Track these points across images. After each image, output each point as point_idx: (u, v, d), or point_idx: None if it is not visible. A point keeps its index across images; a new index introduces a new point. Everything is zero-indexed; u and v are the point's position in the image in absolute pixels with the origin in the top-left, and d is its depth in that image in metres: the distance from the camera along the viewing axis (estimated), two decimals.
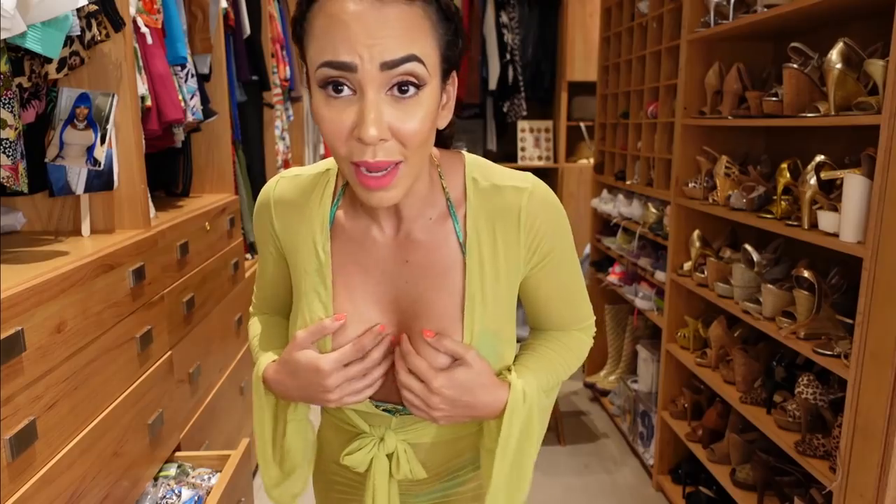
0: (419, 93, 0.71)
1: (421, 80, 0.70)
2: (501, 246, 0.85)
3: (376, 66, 0.68)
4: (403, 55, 0.68)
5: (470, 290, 0.85)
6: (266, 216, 0.92)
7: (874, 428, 1.41)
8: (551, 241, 0.88)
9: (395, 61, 0.68)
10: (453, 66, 0.78)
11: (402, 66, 0.68)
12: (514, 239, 0.85)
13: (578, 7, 3.95)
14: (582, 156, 4.22)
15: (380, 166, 0.71)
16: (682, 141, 2.28)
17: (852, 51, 1.55)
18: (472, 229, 0.85)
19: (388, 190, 0.73)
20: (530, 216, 0.85)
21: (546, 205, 0.87)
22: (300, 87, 3.95)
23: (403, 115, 0.70)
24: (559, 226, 0.89)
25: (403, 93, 0.70)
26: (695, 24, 2.19)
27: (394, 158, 0.71)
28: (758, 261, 1.97)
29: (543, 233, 0.87)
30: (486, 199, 0.85)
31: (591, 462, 2.78)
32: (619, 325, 3.22)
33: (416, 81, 0.70)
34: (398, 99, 0.70)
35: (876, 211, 1.38)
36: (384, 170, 0.71)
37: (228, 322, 2.27)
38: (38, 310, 1.12)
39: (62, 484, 1.17)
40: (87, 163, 1.48)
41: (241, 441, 1.78)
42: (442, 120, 0.79)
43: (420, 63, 0.69)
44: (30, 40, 1.21)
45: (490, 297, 0.86)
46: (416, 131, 0.71)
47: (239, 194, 2.63)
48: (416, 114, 0.71)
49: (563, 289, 0.95)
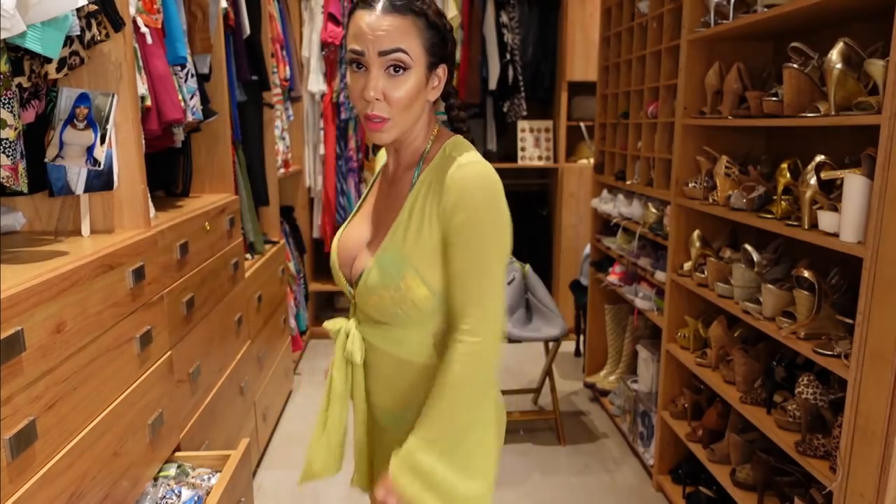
0: (405, 73, 1.05)
1: (406, 64, 1.04)
2: (432, 202, 1.09)
3: (375, 53, 1.03)
4: (392, 47, 1.03)
5: (398, 219, 1.12)
6: None
7: (874, 428, 1.41)
8: (462, 218, 1.05)
9: (386, 51, 1.03)
10: (441, 61, 1.10)
11: (392, 54, 1.03)
12: (438, 201, 1.08)
13: (578, 7, 3.95)
14: (582, 156, 4.21)
15: (373, 117, 1.06)
16: (682, 141, 2.28)
17: (852, 51, 1.55)
18: (420, 181, 1.13)
19: (381, 133, 1.08)
20: (453, 185, 1.06)
21: (468, 181, 1.06)
22: (300, 87, 3.95)
23: (392, 86, 1.05)
24: (475, 207, 1.05)
25: (395, 72, 1.05)
26: (695, 24, 2.19)
27: (383, 115, 1.06)
28: (758, 261, 1.97)
29: (457, 205, 1.06)
30: (440, 164, 1.11)
31: (591, 462, 2.78)
32: (619, 325, 3.22)
33: (402, 65, 1.04)
34: (391, 76, 1.05)
35: (876, 211, 1.38)
36: (377, 120, 1.07)
37: (228, 322, 2.27)
38: (37, 310, 1.12)
39: (62, 484, 1.17)
40: (86, 163, 1.48)
41: (241, 441, 1.78)
42: (431, 94, 1.12)
43: (405, 53, 1.04)
44: (29, 40, 1.21)
45: (412, 233, 1.10)
46: (399, 98, 1.05)
47: (239, 194, 2.63)
48: (401, 87, 1.05)
49: (462, 273, 1.08)
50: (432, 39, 1.07)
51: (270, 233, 3.26)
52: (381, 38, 1.02)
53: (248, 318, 2.56)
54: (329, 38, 3.83)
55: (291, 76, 3.69)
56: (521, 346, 3.90)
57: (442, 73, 1.12)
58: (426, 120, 1.15)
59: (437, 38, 1.08)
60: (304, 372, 3.73)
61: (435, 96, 1.14)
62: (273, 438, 2.96)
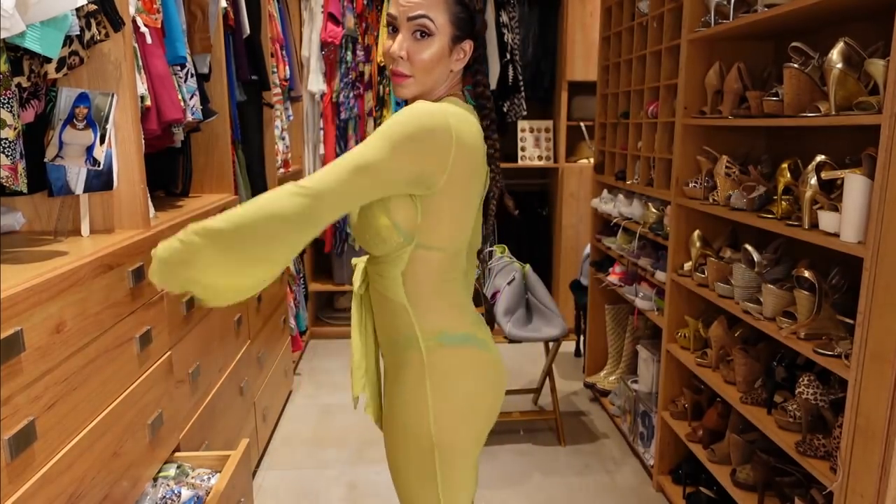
0: (429, 39, 1.19)
1: (430, 31, 1.18)
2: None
3: (405, 17, 1.18)
4: (418, 13, 1.17)
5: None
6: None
7: (875, 428, 1.41)
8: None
9: (413, 17, 1.18)
10: (468, 36, 1.22)
11: (417, 20, 1.17)
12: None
13: (578, 7, 3.95)
14: (582, 156, 4.21)
15: (398, 72, 1.21)
16: (682, 141, 2.28)
17: (853, 50, 1.55)
18: None
19: (402, 87, 1.23)
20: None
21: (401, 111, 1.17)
22: (300, 87, 3.95)
23: (416, 48, 1.19)
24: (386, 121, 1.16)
25: (421, 37, 1.19)
26: (695, 24, 2.19)
27: (406, 72, 1.21)
28: (758, 261, 1.97)
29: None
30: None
31: (592, 462, 2.78)
32: (619, 325, 3.22)
33: (426, 31, 1.18)
34: (417, 40, 1.19)
35: (876, 211, 1.38)
36: (400, 75, 1.21)
37: (228, 322, 2.27)
38: (37, 310, 1.11)
39: (61, 484, 1.17)
40: (86, 163, 1.47)
41: (240, 441, 1.78)
42: (455, 65, 1.24)
43: (430, 21, 1.17)
44: (29, 40, 1.21)
45: None
46: (421, 59, 1.19)
47: (238, 194, 2.63)
48: (424, 50, 1.19)
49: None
50: (459, 14, 1.19)
51: None
52: (410, 6, 1.17)
53: (248, 318, 2.56)
54: (329, 37, 3.83)
55: (291, 76, 3.68)
56: (521, 346, 3.89)
57: (468, 48, 1.24)
58: (447, 87, 1.26)
59: (465, 13, 1.20)
60: (304, 372, 3.73)
61: (459, 67, 1.25)
62: (273, 438, 2.96)
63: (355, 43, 3.95)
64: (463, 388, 1.27)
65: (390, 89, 3.95)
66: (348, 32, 3.89)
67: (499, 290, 2.91)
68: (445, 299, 1.28)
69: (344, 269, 4.19)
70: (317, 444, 2.92)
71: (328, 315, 4.41)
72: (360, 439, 2.95)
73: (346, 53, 3.96)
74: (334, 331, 4.30)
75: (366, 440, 2.93)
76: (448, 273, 1.27)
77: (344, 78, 3.97)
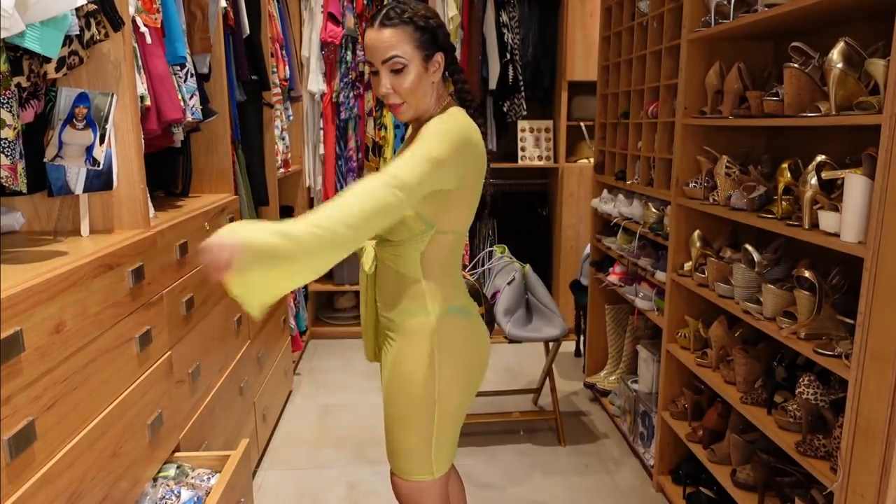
0: (405, 69, 1.38)
1: (403, 64, 1.37)
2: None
3: (380, 61, 1.38)
4: (389, 55, 1.37)
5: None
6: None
7: (875, 428, 1.41)
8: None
9: (387, 59, 1.38)
10: (437, 50, 1.41)
11: (390, 60, 1.38)
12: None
13: (578, 7, 3.94)
14: (582, 156, 4.21)
15: (392, 104, 1.43)
16: (682, 141, 2.28)
17: (853, 50, 1.55)
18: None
19: (400, 114, 1.44)
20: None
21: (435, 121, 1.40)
22: (299, 87, 3.95)
23: (397, 82, 1.39)
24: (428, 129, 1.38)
25: (396, 72, 1.38)
26: (695, 24, 2.19)
27: (397, 101, 1.42)
28: (758, 261, 1.97)
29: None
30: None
31: (592, 462, 2.78)
32: (619, 325, 3.22)
33: (399, 66, 1.38)
34: (394, 74, 1.39)
35: (877, 211, 1.38)
36: (395, 105, 1.43)
37: (228, 322, 2.27)
38: (36, 310, 1.11)
39: (61, 484, 1.17)
40: (86, 163, 1.47)
41: (240, 441, 1.78)
42: (434, 76, 1.43)
43: (400, 57, 1.37)
44: (28, 40, 1.21)
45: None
46: (404, 89, 1.39)
47: (238, 194, 2.63)
48: (404, 80, 1.39)
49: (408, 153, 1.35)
50: (422, 38, 1.38)
51: None
52: (380, 50, 1.36)
53: (248, 318, 2.56)
54: (329, 37, 3.83)
55: (291, 76, 3.68)
56: (521, 347, 3.89)
57: (440, 59, 1.43)
58: (436, 96, 1.46)
59: (427, 35, 1.38)
60: (304, 372, 3.73)
61: (437, 77, 1.44)
62: (273, 438, 2.96)
63: (355, 43, 3.95)
64: (462, 353, 1.50)
65: None
66: (348, 32, 3.88)
67: (499, 290, 2.90)
68: (451, 275, 1.51)
69: (344, 269, 4.19)
70: (317, 444, 2.92)
71: (328, 315, 4.41)
72: (360, 439, 2.94)
73: (346, 53, 3.96)
74: (334, 331, 4.29)
75: (366, 440, 2.93)
76: (455, 252, 1.51)
77: (344, 78, 3.97)
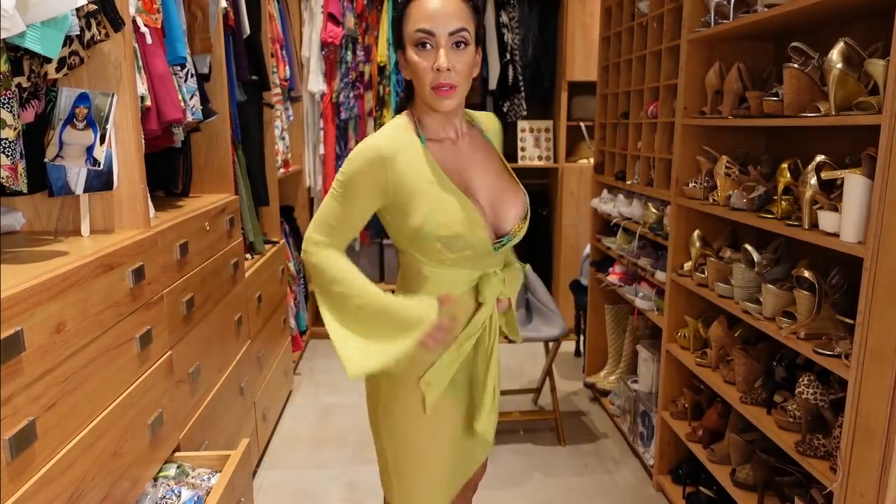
0: (466, 48, 1.29)
1: (467, 40, 1.28)
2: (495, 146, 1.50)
3: (446, 32, 1.26)
4: (459, 26, 1.27)
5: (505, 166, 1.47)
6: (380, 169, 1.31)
7: (875, 428, 1.41)
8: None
9: (455, 30, 1.26)
10: (479, 43, 1.34)
11: (459, 32, 1.27)
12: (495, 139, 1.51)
13: (578, 7, 3.95)
14: (582, 156, 4.21)
15: (444, 85, 1.27)
16: (682, 141, 2.28)
17: (853, 50, 1.55)
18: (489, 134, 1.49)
19: (451, 99, 1.30)
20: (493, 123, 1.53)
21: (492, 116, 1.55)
22: (300, 87, 3.95)
23: (458, 58, 1.28)
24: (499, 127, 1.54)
25: (458, 47, 1.28)
26: (695, 24, 2.19)
27: (453, 82, 1.28)
28: (758, 261, 1.97)
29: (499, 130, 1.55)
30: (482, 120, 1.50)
31: (591, 462, 2.78)
32: (619, 325, 3.22)
33: (464, 41, 1.28)
34: (455, 50, 1.28)
35: (876, 211, 1.38)
36: (447, 87, 1.28)
37: (228, 322, 2.27)
38: (37, 310, 1.11)
39: (62, 484, 1.17)
40: (86, 163, 1.47)
41: (240, 441, 1.78)
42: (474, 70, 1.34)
43: (467, 31, 1.28)
44: (29, 40, 1.21)
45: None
46: (463, 68, 1.29)
47: (238, 194, 2.63)
48: (463, 58, 1.29)
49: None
50: (477, 23, 1.32)
51: (270, 233, 3.26)
52: (450, 20, 1.25)
53: (248, 318, 2.56)
54: (329, 37, 3.83)
55: (291, 76, 3.69)
56: (521, 346, 3.90)
57: (479, 55, 1.36)
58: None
59: (479, 22, 1.34)
60: (304, 372, 3.73)
61: (476, 71, 1.35)
62: (273, 438, 2.96)
63: (355, 43, 3.95)
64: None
65: (391, 89, 3.95)
66: (348, 32, 3.88)
67: None
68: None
69: None
70: (317, 444, 2.92)
71: None
72: (361, 439, 2.95)
73: (346, 53, 3.96)
74: None
75: (366, 440, 2.93)
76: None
77: (344, 78, 3.97)
